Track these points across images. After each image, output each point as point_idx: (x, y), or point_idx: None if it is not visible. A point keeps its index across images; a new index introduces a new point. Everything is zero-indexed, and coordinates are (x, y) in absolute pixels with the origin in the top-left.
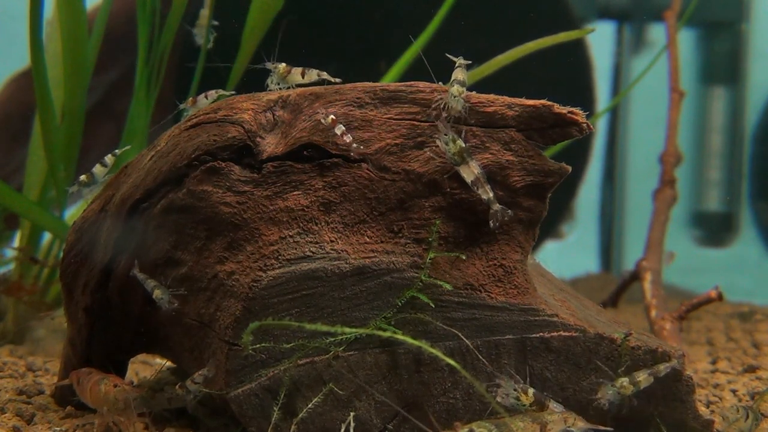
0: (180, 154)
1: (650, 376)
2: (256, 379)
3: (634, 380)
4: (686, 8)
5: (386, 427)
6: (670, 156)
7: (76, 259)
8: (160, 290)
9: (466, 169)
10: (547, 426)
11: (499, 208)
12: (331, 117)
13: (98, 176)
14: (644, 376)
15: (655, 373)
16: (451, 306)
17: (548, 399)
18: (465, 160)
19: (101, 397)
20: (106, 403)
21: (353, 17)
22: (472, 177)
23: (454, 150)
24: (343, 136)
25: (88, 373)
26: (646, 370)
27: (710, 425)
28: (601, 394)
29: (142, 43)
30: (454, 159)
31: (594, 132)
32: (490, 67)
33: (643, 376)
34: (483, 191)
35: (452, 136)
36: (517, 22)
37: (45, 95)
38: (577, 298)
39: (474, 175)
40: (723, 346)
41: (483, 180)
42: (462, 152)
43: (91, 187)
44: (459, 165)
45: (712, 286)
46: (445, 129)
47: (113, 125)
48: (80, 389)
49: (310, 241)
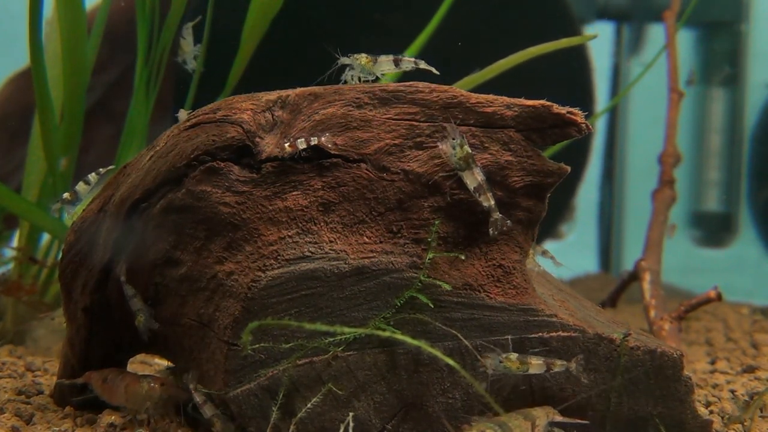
0: (179, 154)
1: (543, 364)
2: (255, 379)
3: (524, 360)
4: (685, 8)
5: (385, 427)
6: (669, 156)
7: (75, 259)
8: (142, 316)
9: (469, 175)
10: (536, 422)
11: (500, 217)
12: (287, 145)
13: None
14: (537, 363)
15: (549, 365)
16: (450, 306)
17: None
18: (470, 166)
19: (143, 395)
20: (149, 399)
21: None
22: (475, 184)
23: (460, 155)
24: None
25: (118, 372)
26: (541, 358)
27: (709, 425)
28: (486, 362)
29: (142, 42)
30: (459, 164)
31: (593, 132)
32: (492, 71)
33: (536, 362)
34: (485, 198)
35: (461, 140)
36: (516, 22)
37: (44, 95)
38: (576, 299)
39: (477, 181)
40: (722, 347)
41: (486, 187)
42: (467, 158)
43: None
44: (463, 170)
45: (711, 286)
46: (454, 133)
47: (112, 125)
48: (106, 388)
49: (309, 242)
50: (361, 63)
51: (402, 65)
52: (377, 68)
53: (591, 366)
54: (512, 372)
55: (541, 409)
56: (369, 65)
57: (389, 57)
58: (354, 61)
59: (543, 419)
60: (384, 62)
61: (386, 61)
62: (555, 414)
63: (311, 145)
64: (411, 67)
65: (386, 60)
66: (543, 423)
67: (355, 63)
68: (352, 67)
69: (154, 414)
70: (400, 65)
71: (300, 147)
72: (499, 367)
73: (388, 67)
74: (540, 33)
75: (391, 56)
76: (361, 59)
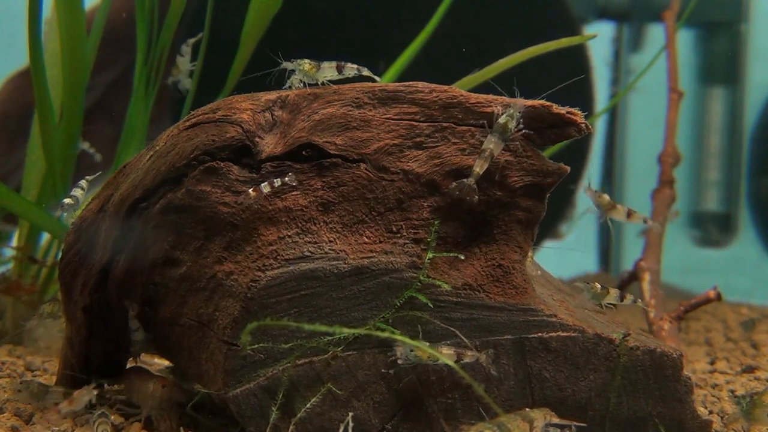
0: (179, 154)
1: (454, 354)
2: (255, 379)
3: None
4: (685, 8)
5: (385, 427)
6: (669, 156)
7: (74, 259)
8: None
9: (492, 139)
10: (534, 423)
11: (470, 183)
12: (251, 191)
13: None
14: (448, 352)
15: (459, 355)
16: (450, 306)
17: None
18: (498, 134)
19: (148, 394)
20: (152, 399)
21: (352, 17)
22: (486, 147)
23: (502, 122)
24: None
25: (138, 372)
26: (452, 348)
27: (709, 426)
28: (397, 351)
29: (141, 42)
30: (497, 126)
31: (593, 132)
32: (491, 71)
33: (446, 351)
34: (477, 162)
35: (515, 115)
36: (516, 21)
37: (44, 95)
38: (575, 298)
39: (488, 148)
40: (721, 347)
41: (485, 156)
42: (504, 129)
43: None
44: (493, 132)
45: (711, 286)
46: (516, 107)
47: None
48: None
49: (309, 241)
50: (304, 68)
51: (344, 72)
52: (320, 74)
53: (590, 366)
54: (423, 362)
55: (538, 411)
56: (312, 71)
57: (332, 63)
58: (297, 66)
59: (540, 420)
60: (327, 68)
61: (329, 68)
62: (552, 416)
63: (282, 184)
64: (354, 73)
65: (329, 66)
66: (541, 424)
67: (299, 68)
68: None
69: (155, 414)
70: (343, 72)
71: (264, 192)
72: (410, 356)
73: (331, 74)
74: (540, 32)
75: (334, 62)
76: (305, 65)
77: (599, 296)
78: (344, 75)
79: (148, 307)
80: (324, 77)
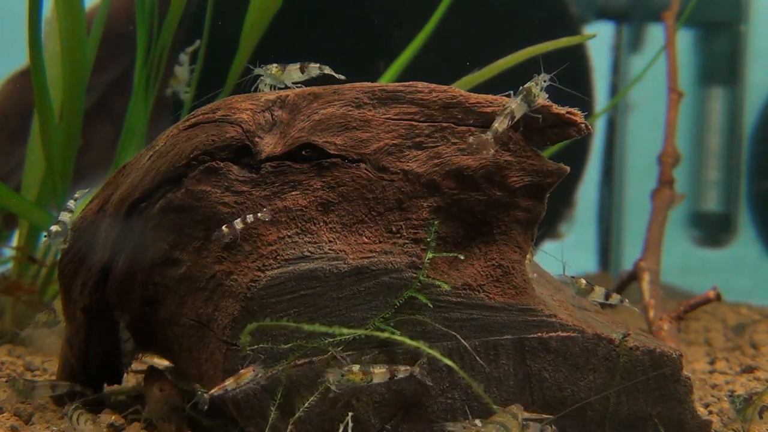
0: (178, 154)
1: (387, 372)
2: (255, 379)
3: (367, 371)
4: (685, 8)
5: (384, 427)
6: (669, 156)
7: (74, 259)
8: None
9: (515, 101)
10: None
11: (489, 137)
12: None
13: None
14: (380, 371)
15: (392, 372)
16: (450, 306)
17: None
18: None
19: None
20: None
21: (352, 16)
22: (508, 107)
23: (528, 87)
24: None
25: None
26: (385, 366)
27: (708, 426)
28: (329, 377)
29: (141, 42)
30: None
31: (592, 132)
32: (491, 71)
33: (379, 371)
34: (498, 120)
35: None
36: (516, 21)
37: (43, 94)
38: (575, 298)
39: (510, 108)
40: (721, 347)
41: (506, 114)
42: (528, 95)
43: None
44: (515, 95)
45: (711, 286)
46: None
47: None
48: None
49: (309, 241)
50: (271, 72)
51: (308, 71)
52: (286, 77)
53: (590, 366)
54: (357, 384)
55: (514, 406)
56: (279, 74)
57: (296, 65)
58: (266, 71)
59: (519, 415)
60: (292, 70)
61: (294, 69)
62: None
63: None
64: (317, 73)
65: (294, 68)
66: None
67: (267, 72)
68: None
69: (154, 417)
70: (306, 71)
71: (237, 228)
72: (343, 381)
73: (296, 75)
74: (539, 32)
75: (298, 64)
76: (272, 69)
77: (583, 292)
78: (309, 75)
79: (147, 307)
80: (291, 80)
